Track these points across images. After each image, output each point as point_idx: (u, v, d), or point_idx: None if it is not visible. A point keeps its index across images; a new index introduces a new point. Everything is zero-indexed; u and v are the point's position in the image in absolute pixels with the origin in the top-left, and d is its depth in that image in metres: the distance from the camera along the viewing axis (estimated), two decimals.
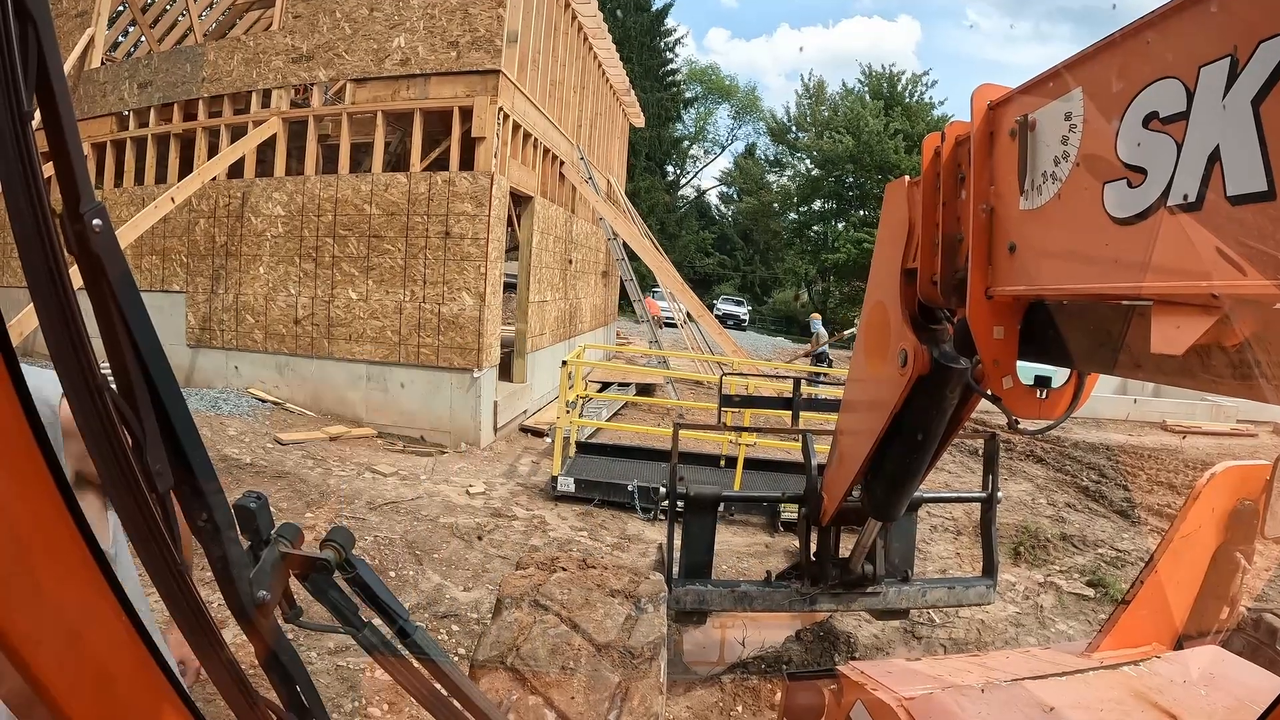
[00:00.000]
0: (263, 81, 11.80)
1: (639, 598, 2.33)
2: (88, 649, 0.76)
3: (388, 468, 9.20)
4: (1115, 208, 1.42)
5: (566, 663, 1.92)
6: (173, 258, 12.24)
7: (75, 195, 0.75)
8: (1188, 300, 1.36)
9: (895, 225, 2.50)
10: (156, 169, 12.84)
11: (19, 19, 0.65)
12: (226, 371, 11.90)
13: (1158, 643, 3.04)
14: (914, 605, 4.57)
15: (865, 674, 2.90)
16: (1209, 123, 1.20)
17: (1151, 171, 1.33)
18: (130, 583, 1.56)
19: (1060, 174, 1.58)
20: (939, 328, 2.51)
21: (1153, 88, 1.31)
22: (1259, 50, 1.09)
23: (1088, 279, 1.55)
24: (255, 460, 8.68)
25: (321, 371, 11.41)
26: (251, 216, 11.69)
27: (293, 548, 1.08)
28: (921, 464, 2.97)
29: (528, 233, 13.09)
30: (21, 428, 0.66)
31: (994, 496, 4.54)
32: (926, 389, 2.53)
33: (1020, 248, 1.74)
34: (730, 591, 4.35)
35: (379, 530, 7.07)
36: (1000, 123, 1.81)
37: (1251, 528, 3.07)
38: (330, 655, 4.90)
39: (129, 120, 13.19)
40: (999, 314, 1.87)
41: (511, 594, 2.25)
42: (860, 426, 3.09)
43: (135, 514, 0.82)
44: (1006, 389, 1.94)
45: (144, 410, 0.84)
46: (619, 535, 7.70)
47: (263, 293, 11.66)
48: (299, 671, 1.09)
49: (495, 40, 10.50)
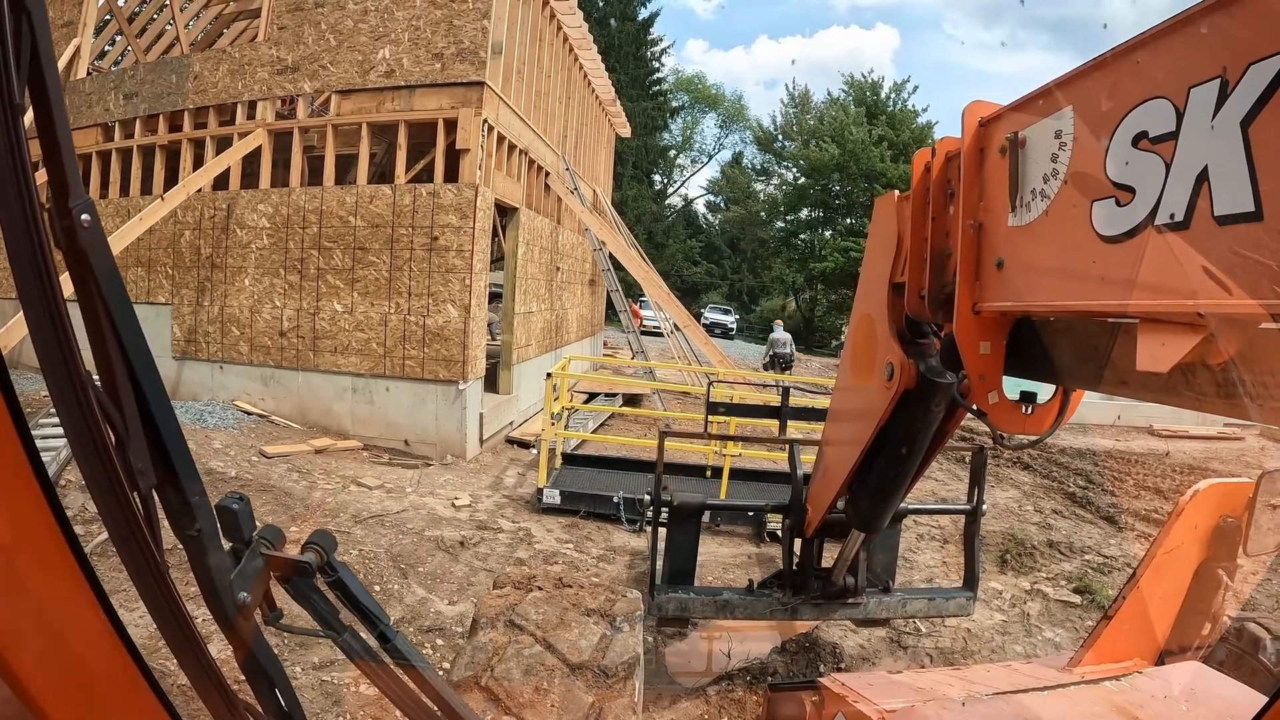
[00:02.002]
0: (248, 93, 11.77)
1: (614, 616, 2.33)
2: (67, 647, 0.75)
3: (373, 480, 9.16)
4: (1103, 226, 1.43)
5: (540, 683, 1.91)
6: (158, 270, 12.17)
7: (64, 189, 0.75)
8: (1173, 318, 1.37)
9: (884, 239, 2.53)
10: (142, 180, 12.78)
11: (13, 11, 0.65)
12: (212, 384, 11.84)
13: (1139, 658, 3.05)
14: (894, 615, 4.61)
15: (846, 685, 2.91)
16: (1198, 143, 1.21)
17: (1140, 190, 1.34)
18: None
19: (1049, 191, 1.60)
20: (926, 342, 2.54)
21: (1143, 107, 1.33)
22: (1249, 72, 1.10)
23: (1075, 296, 1.56)
24: (240, 474, 8.62)
25: (307, 384, 11.36)
26: (237, 228, 11.64)
27: (275, 550, 1.07)
28: (906, 477, 3.00)
29: (513, 244, 13.09)
30: (4, 425, 0.66)
31: (979, 509, 4.58)
32: (913, 403, 2.57)
33: (1008, 263, 1.76)
34: (713, 600, 4.38)
35: (364, 544, 7.03)
36: (990, 139, 1.83)
37: (1234, 545, 3.10)
38: (315, 670, 4.87)
39: (114, 131, 13.13)
40: (986, 329, 1.89)
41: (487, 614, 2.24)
42: (846, 438, 3.13)
43: (116, 512, 0.81)
44: (992, 404, 1.96)
45: (128, 408, 0.83)
46: (604, 547, 7.68)
47: (248, 305, 11.61)
48: (278, 673, 1.08)
49: (480, 52, 10.52)
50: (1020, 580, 7.62)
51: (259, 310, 11.54)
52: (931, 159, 2.13)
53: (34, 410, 7.87)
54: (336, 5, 11.14)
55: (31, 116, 0.71)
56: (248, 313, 11.61)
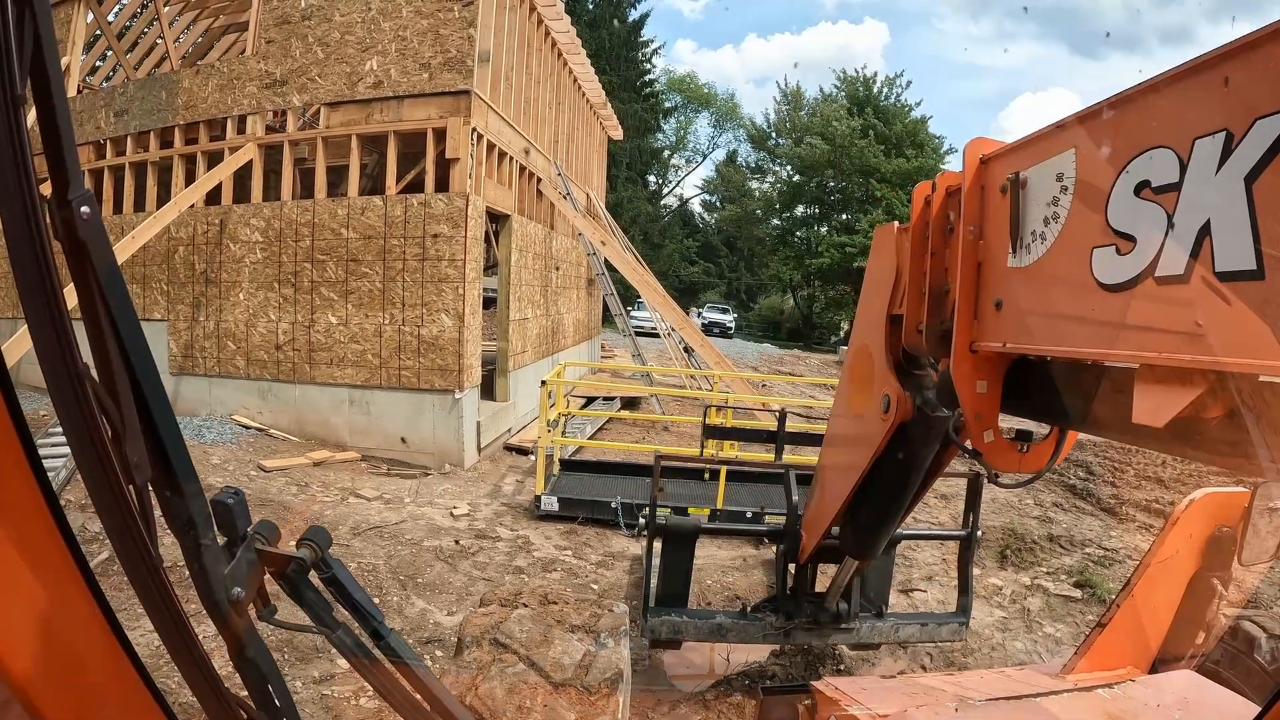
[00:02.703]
0: (237, 107, 11.79)
1: (599, 632, 2.33)
2: (58, 637, 0.76)
3: (371, 492, 9.16)
4: (1103, 273, 1.41)
5: (523, 702, 1.92)
6: (153, 286, 12.18)
7: (64, 181, 0.75)
8: (1171, 371, 1.34)
9: (883, 271, 2.51)
10: (135, 197, 12.80)
11: (15, 2, 0.65)
12: (210, 399, 11.84)
13: (1133, 666, 3.06)
14: (887, 640, 4.70)
15: (840, 690, 2.91)
16: (1201, 196, 1.18)
17: (1141, 240, 1.32)
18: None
19: (1049, 234, 1.57)
20: (922, 374, 2.52)
21: (1146, 156, 1.30)
22: (1254, 127, 1.08)
23: (1072, 341, 1.54)
24: (239, 488, 8.61)
25: (304, 396, 11.37)
26: (230, 243, 11.65)
27: (269, 546, 1.08)
28: (900, 507, 3.00)
29: (506, 251, 13.09)
30: (4, 424, 0.66)
31: (974, 535, 4.63)
32: (908, 435, 2.56)
33: (1006, 304, 1.73)
34: (705, 623, 4.41)
35: (363, 556, 7.03)
36: (991, 177, 1.79)
37: (1229, 554, 3.10)
38: (315, 684, 4.87)
39: (106, 149, 13.17)
40: (983, 368, 1.87)
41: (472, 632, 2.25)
42: (841, 466, 3.13)
43: (112, 505, 0.81)
44: (988, 443, 1.93)
45: (124, 401, 0.83)
46: (603, 553, 7.68)
47: (243, 319, 11.61)
48: (271, 670, 1.08)
49: (467, 60, 10.53)
50: (1020, 575, 7.62)
51: (254, 324, 11.54)
52: (932, 193, 2.10)
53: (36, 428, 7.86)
54: (323, 18, 11.15)
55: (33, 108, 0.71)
56: (243, 327, 11.61)
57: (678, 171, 56.98)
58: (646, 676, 5.16)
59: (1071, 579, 7.50)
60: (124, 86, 13.49)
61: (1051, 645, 6.18)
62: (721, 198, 54.97)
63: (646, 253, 31.69)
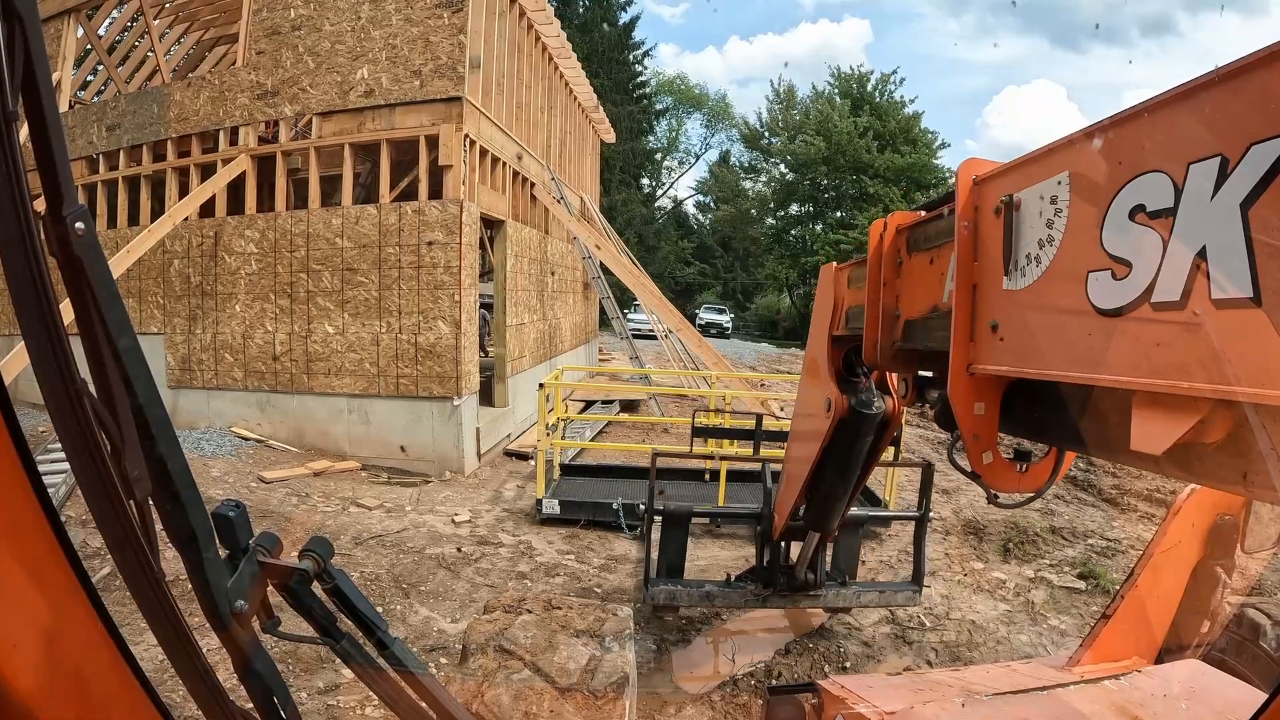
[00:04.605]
0: (229, 119, 11.77)
1: (604, 636, 2.33)
2: (62, 652, 0.76)
3: (372, 500, 9.15)
4: (1098, 298, 1.39)
5: (529, 707, 1.91)
6: (149, 300, 12.16)
7: (58, 197, 0.75)
8: (1169, 398, 1.32)
9: (825, 301, 3.16)
10: (129, 212, 12.78)
11: (5, 19, 0.65)
12: (208, 411, 11.82)
13: (1138, 657, 3.06)
14: (851, 605, 5.48)
15: (845, 688, 2.91)
16: (1196, 222, 1.17)
17: (1136, 265, 1.30)
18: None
19: (1044, 257, 1.55)
20: (858, 380, 3.23)
21: (1141, 180, 1.29)
22: (1250, 152, 1.07)
23: (1068, 366, 1.52)
24: (240, 500, 8.60)
25: (303, 407, 11.35)
26: (225, 255, 11.63)
27: (271, 557, 1.07)
28: (848, 487, 3.73)
29: (501, 256, 13.08)
30: (3, 441, 0.66)
31: (925, 516, 5.52)
32: (848, 428, 3.26)
33: (1002, 326, 1.71)
34: (696, 590, 5.27)
35: (365, 565, 7.02)
36: (985, 198, 1.78)
37: (1232, 542, 3.11)
38: (320, 695, 4.86)
39: (99, 163, 13.14)
40: (980, 390, 1.86)
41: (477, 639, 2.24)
42: (800, 456, 3.81)
43: (113, 521, 0.81)
44: (986, 464, 1.93)
45: (123, 416, 0.83)
46: (606, 556, 7.67)
47: (240, 331, 11.60)
48: (276, 682, 1.08)
49: (458, 67, 10.53)
50: (1023, 568, 7.61)
51: (251, 335, 11.53)
52: (884, 231, 2.30)
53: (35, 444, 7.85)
54: (313, 27, 11.14)
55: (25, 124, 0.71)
56: (240, 338, 11.60)
57: (671, 173, 57.06)
58: (652, 680, 5.19)
59: (1075, 570, 7.50)
60: (115, 100, 13.49)
61: (1056, 637, 6.18)
62: (715, 198, 55.00)
63: (642, 255, 31.73)
